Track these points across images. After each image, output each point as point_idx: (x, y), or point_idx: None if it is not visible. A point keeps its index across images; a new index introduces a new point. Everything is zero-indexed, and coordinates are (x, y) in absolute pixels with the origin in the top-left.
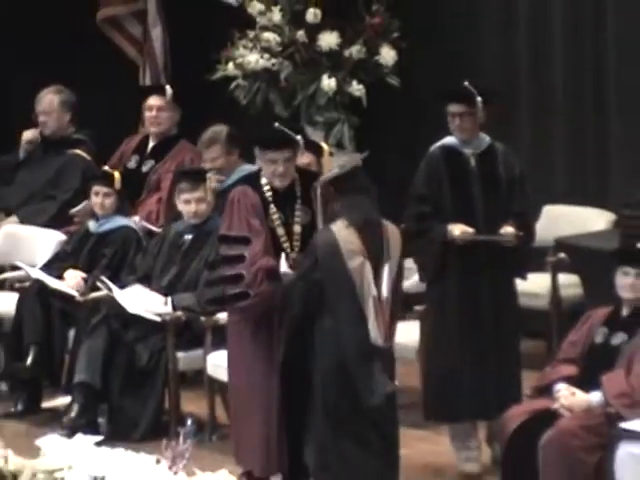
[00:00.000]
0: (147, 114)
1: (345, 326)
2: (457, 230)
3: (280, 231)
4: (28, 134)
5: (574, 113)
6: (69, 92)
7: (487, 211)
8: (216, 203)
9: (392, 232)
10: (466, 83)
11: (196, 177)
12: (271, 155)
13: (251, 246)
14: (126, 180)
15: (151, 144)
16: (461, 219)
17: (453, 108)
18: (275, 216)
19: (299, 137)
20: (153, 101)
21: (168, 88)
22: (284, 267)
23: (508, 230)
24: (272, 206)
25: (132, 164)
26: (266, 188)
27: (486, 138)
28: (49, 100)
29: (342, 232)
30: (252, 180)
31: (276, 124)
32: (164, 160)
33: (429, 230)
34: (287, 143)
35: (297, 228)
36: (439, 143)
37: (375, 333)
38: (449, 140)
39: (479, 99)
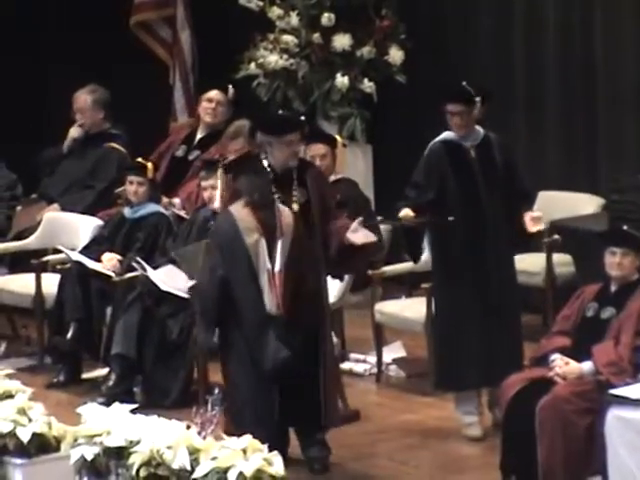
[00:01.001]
0: (205, 105)
1: (243, 297)
2: (401, 213)
3: None
4: (74, 132)
5: (565, 106)
6: (103, 91)
7: (489, 195)
8: None
9: (285, 212)
10: (464, 83)
11: (210, 166)
12: (289, 137)
13: None
14: (173, 167)
15: (199, 135)
16: (466, 206)
17: (451, 107)
18: (275, 196)
19: (302, 117)
20: (214, 95)
21: (230, 88)
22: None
23: (541, 227)
24: (272, 187)
25: (180, 153)
26: (267, 171)
27: (480, 130)
28: (83, 100)
29: (240, 211)
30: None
31: (279, 111)
32: (209, 150)
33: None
34: (300, 125)
35: (295, 206)
36: (439, 138)
37: (270, 303)
38: (448, 135)
39: (477, 99)
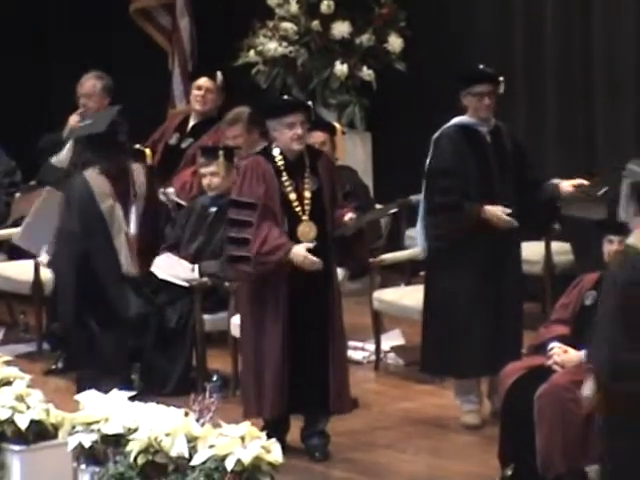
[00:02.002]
0: (195, 92)
1: (99, 258)
2: (490, 212)
3: (292, 196)
4: (75, 119)
5: (564, 97)
6: (109, 78)
7: (501, 182)
8: None
9: (137, 171)
10: (481, 66)
11: (210, 153)
12: (291, 119)
13: (256, 212)
14: (166, 155)
15: (191, 123)
16: (480, 190)
17: (480, 88)
18: (287, 183)
19: (310, 102)
20: (203, 82)
21: (219, 74)
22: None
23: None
24: (284, 174)
25: (173, 141)
26: (278, 158)
27: (492, 117)
28: (91, 85)
29: (94, 179)
30: (265, 151)
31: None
32: (202, 138)
33: (459, 206)
34: (302, 105)
35: (307, 194)
36: (452, 122)
37: (127, 264)
38: (462, 119)
39: (501, 78)
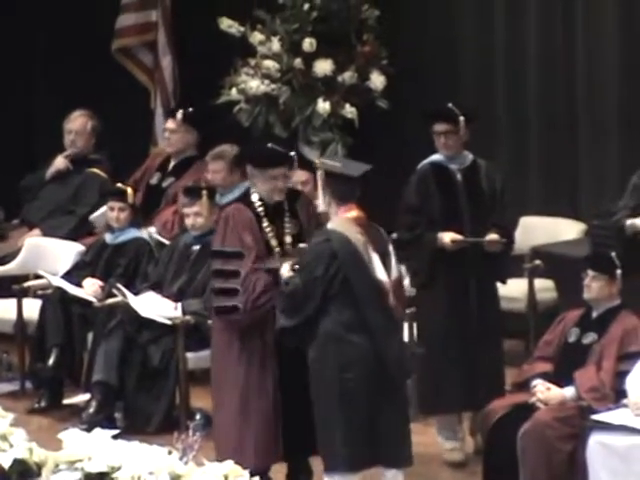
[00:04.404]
0: (165, 135)
1: None
2: (447, 237)
3: (273, 242)
4: (60, 163)
5: (547, 132)
6: (97, 119)
7: (473, 221)
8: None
9: None
10: (450, 104)
11: (193, 193)
12: (272, 172)
13: (244, 261)
14: (148, 195)
15: (172, 163)
16: (450, 229)
17: (438, 127)
18: (268, 229)
19: (292, 153)
20: (167, 124)
21: (179, 112)
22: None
23: (493, 237)
24: (265, 220)
25: (154, 180)
26: (258, 204)
27: (469, 155)
28: (82, 122)
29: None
30: (244, 198)
31: (269, 144)
32: (182, 177)
33: (420, 238)
34: (286, 159)
35: (288, 238)
36: (428, 160)
37: None
38: (436, 157)
39: (462, 118)
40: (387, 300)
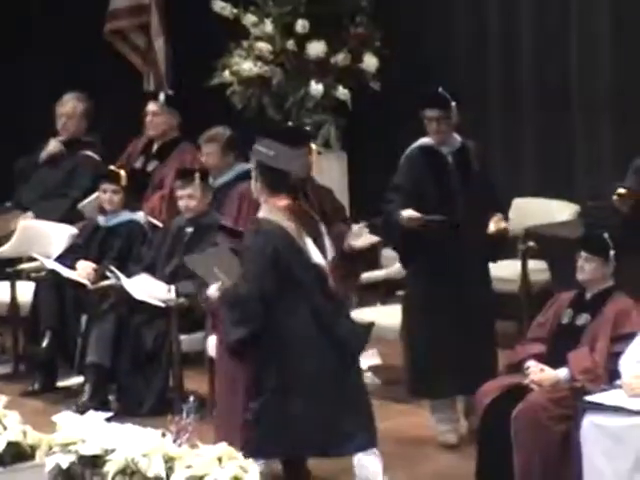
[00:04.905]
0: (146, 119)
1: None
2: (405, 214)
3: None
4: (54, 147)
5: (541, 114)
6: (90, 102)
7: (467, 203)
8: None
9: None
10: (440, 89)
11: (187, 175)
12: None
13: None
14: (133, 179)
15: (155, 146)
16: (442, 212)
17: (429, 113)
18: None
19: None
20: (149, 107)
21: (161, 95)
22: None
23: (501, 225)
24: None
25: (138, 164)
26: None
27: (458, 137)
28: (73, 106)
29: None
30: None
31: (289, 123)
32: (167, 160)
33: (389, 215)
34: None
35: None
36: (416, 144)
37: None
38: (425, 141)
39: (453, 104)
40: (328, 283)
